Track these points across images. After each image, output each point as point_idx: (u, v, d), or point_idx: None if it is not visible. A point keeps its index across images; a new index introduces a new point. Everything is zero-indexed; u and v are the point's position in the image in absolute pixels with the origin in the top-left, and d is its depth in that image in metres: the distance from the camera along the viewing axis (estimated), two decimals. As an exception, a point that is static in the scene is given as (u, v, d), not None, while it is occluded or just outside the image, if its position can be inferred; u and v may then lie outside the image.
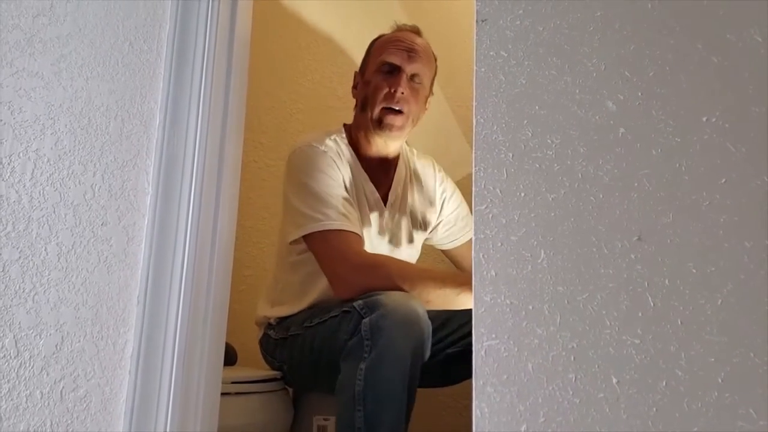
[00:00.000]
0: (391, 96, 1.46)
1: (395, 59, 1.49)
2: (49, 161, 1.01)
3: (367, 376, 1.17)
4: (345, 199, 1.40)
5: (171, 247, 0.99)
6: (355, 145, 1.51)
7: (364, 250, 1.40)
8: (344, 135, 1.52)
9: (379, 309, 1.21)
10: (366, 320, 1.21)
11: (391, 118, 1.47)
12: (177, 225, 1.00)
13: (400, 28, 1.58)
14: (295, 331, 1.42)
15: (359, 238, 1.39)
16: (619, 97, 0.83)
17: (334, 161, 1.43)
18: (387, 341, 1.17)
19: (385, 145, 1.52)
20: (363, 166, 1.50)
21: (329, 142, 1.46)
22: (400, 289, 1.27)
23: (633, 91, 0.83)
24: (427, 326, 1.22)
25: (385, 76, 1.49)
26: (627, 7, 0.85)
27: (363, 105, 1.50)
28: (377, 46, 1.55)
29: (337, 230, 1.34)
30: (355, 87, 1.58)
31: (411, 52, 1.50)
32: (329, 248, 1.34)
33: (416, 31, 1.58)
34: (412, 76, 1.50)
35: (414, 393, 1.21)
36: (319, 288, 1.44)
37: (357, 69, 1.61)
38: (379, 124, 1.47)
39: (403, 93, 1.46)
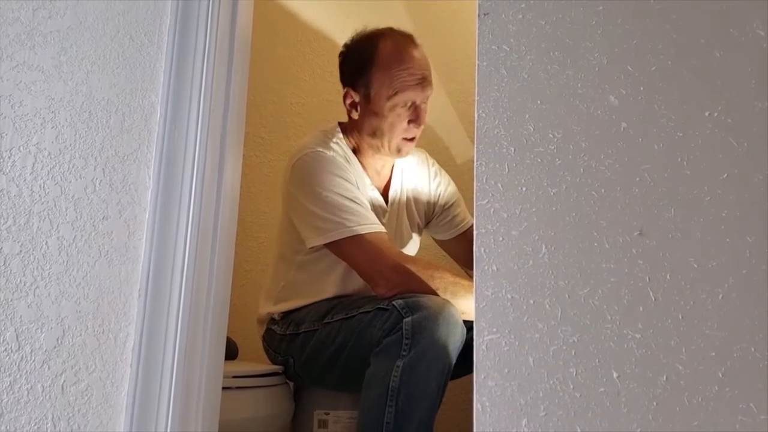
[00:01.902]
0: (410, 131, 1.46)
1: (413, 96, 1.44)
2: (50, 155, 1.00)
3: (404, 374, 1.21)
4: (364, 200, 1.43)
5: (172, 240, 0.99)
6: (353, 148, 1.52)
7: (400, 250, 1.44)
8: (341, 136, 1.51)
9: (421, 310, 1.24)
10: (408, 319, 1.24)
11: (408, 146, 1.49)
12: (178, 219, 1.00)
13: (397, 43, 1.46)
14: (309, 327, 1.43)
15: (389, 237, 1.42)
16: (621, 91, 0.83)
17: (345, 165, 1.44)
18: (428, 342, 1.22)
19: (392, 160, 1.55)
20: (363, 167, 1.51)
21: (334, 146, 1.46)
22: (435, 293, 1.32)
23: (635, 85, 0.83)
24: (464, 331, 1.26)
25: (400, 110, 1.44)
26: (629, 1, 0.85)
27: (373, 133, 1.48)
28: (382, 71, 1.44)
29: (370, 233, 1.36)
30: (352, 105, 1.49)
31: (424, 81, 1.45)
32: (368, 250, 1.36)
33: (414, 42, 1.49)
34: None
35: (444, 392, 1.26)
36: (326, 285, 1.46)
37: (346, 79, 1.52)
38: (398, 152, 1.49)
39: (421, 124, 1.47)
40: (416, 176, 1.61)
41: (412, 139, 1.48)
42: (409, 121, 1.45)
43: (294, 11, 2.17)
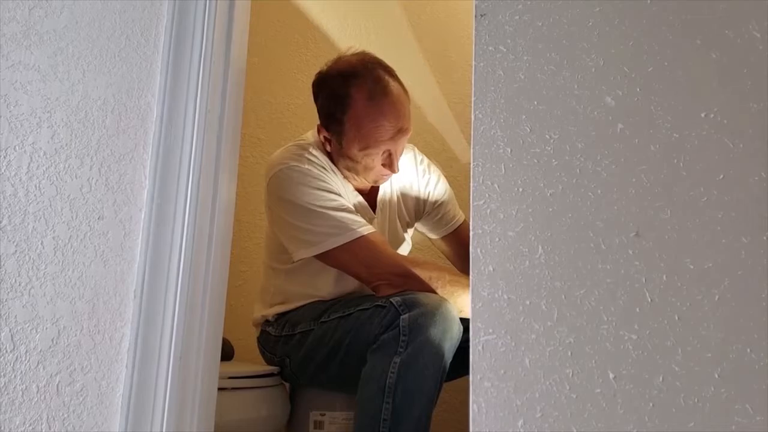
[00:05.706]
0: (385, 173, 1.45)
1: (385, 147, 1.40)
2: (46, 155, 1.00)
3: (401, 370, 1.22)
4: (348, 204, 1.42)
5: (168, 241, 0.99)
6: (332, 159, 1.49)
7: (394, 250, 1.44)
8: (317, 147, 1.47)
9: (419, 307, 1.25)
10: (405, 316, 1.25)
11: (384, 179, 1.49)
12: (174, 219, 0.99)
13: (370, 94, 1.37)
14: (305, 327, 1.43)
15: (381, 234, 1.42)
16: (618, 92, 0.83)
17: (322, 173, 1.42)
18: (425, 338, 1.22)
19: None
20: (343, 174, 1.49)
21: (309, 157, 1.43)
22: (434, 291, 1.33)
23: (631, 86, 0.83)
24: (461, 328, 1.27)
25: (374, 157, 1.41)
26: (626, 2, 0.85)
27: (347, 168, 1.46)
28: (354, 127, 1.38)
29: (361, 237, 1.36)
30: (326, 140, 1.45)
31: (398, 133, 1.39)
32: (360, 257, 1.36)
33: (390, 81, 1.40)
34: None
35: (440, 390, 1.26)
36: (319, 289, 1.46)
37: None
38: (375, 182, 1.49)
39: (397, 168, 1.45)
40: (405, 175, 1.58)
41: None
42: (383, 165, 1.43)
43: (291, 12, 2.17)
